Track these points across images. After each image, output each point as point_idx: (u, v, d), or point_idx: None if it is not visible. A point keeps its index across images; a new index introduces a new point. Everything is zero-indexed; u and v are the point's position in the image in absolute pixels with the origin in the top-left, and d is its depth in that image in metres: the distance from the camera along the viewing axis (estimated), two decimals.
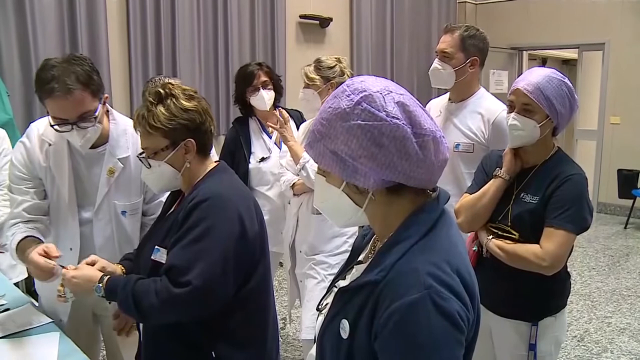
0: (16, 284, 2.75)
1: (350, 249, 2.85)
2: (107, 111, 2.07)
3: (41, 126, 2.03)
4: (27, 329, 1.96)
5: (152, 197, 2.18)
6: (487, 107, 2.56)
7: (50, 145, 2.04)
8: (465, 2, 8.32)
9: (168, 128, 1.63)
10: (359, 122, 1.05)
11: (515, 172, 2.04)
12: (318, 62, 2.81)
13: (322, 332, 1.17)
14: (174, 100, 1.65)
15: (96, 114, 1.92)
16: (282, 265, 3.54)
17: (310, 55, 3.31)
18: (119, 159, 2.06)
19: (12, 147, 3.51)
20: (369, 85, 1.08)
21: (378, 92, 1.07)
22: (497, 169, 2.06)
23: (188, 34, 5.35)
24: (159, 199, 2.15)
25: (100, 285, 1.64)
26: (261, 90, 3.19)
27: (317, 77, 2.77)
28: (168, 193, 1.91)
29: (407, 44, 7.46)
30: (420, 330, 0.98)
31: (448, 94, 2.71)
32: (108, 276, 1.66)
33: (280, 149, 3.23)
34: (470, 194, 2.12)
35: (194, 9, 5.40)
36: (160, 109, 1.63)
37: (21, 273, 3.18)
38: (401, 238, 1.08)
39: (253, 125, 3.30)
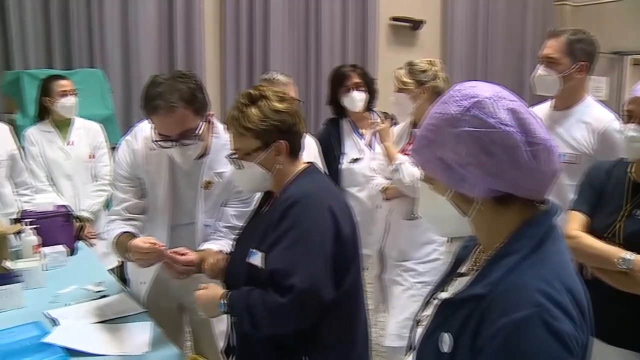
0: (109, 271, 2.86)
1: (440, 257, 2.81)
2: (210, 123, 2.08)
3: (147, 129, 2.08)
4: (122, 317, 2.03)
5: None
6: (595, 116, 2.41)
7: (152, 150, 2.09)
8: (563, 4, 7.95)
9: (260, 129, 1.64)
10: (469, 128, 1.02)
11: None
12: (411, 65, 2.75)
13: (422, 345, 1.14)
14: (266, 101, 1.65)
15: (198, 131, 1.95)
16: (366, 269, 3.51)
17: (401, 59, 3.27)
18: (216, 172, 2.10)
19: (110, 141, 3.71)
20: (479, 91, 1.05)
21: (489, 98, 1.03)
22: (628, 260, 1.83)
23: (279, 37, 5.44)
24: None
25: (223, 302, 1.66)
26: (353, 91, 3.20)
27: (410, 80, 2.71)
28: None
29: (500, 48, 7.23)
30: (529, 349, 0.93)
31: (550, 101, 2.58)
32: (229, 292, 1.68)
33: (372, 150, 3.21)
34: (577, 210, 1.99)
35: (286, 12, 5.49)
36: (253, 110, 1.64)
37: (113, 261, 3.34)
38: (509, 251, 1.03)
39: (345, 126, 3.31)
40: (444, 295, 1.18)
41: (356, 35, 5.96)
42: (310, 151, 2.69)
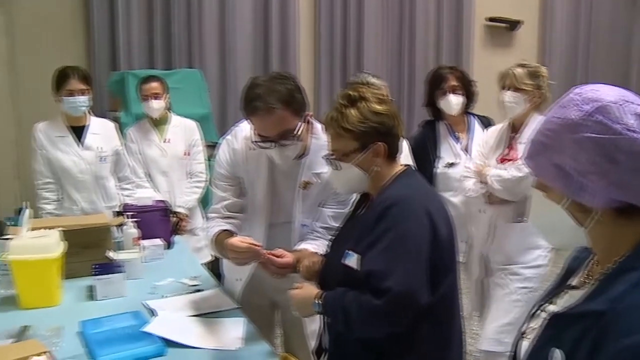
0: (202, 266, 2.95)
1: (546, 264, 2.69)
2: (310, 123, 2.09)
3: (247, 129, 2.11)
4: (216, 311, 2.08)
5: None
6: None
7: (252, 149, 2.12)
8: None
9: (359, 130, 1.63)
10: (591, 134, 0.96)
11: None
12: (529, 67, 2.71)
13: (529, 359, 1.08)
14: (365, 103, 1.64)
15: (296, 132, 1.96)
16: None
17: (496, 61, 3.18)
18: (314, 173, 2.10)
19: (206, 139, 3.82)
20: (603, 95, 0.98)
21: (614, 102, 0.97)
22: None
23: (373, 38, 5.45)
24: None
25: (318, 302, 1.67)
26: (449, 94, 3.13)
27: (531, 82, 2.68)
28: None
29: (603, 50, 6.82)
30: None
31: None
32: (324, 293, 1.68)
33: (468, 155, 3.13)
34: None
35: (380, 13, 5.48)
36: (352, 111, 1.64)
37: (206, 256, 3.44)
38: (632, 266, 0.96)
39: (441, 129, 3.24)
40: (553, 308, 1.12)
41: (450, 36, 5.85)
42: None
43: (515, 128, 2.76)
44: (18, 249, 2.10)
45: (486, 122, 3.22)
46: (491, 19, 6.11)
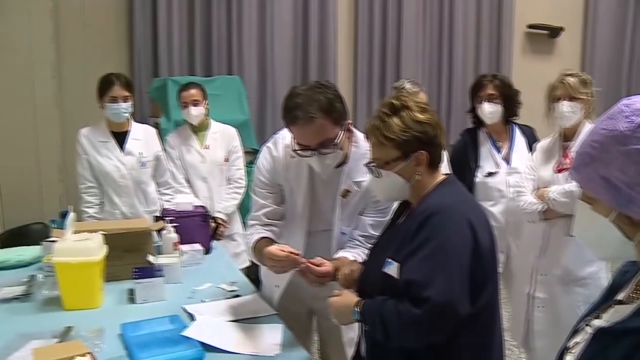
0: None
1: (600, 276, 2.62)
2: (350, 132, 2.09)
3: (287, 137, 2.12)
4: (254, 317, 2.08)
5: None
6: None
7: (292, 158, 2.13)
8: None
9: (401, 139, 1.63)
10: None
11: None
12: (577, 75, 2.67)
13: None
14: (408, 112, 1.64)
15: (336, 141, 1.97)
16: None
17: (536, 68, 3.13)
18: (354, 181, 2.10)
19: (245, 145, 3.84)
20: None
21: None
22: None
23: (412, 45, 5.44)
24: None
25: (357, 310, 1.66)
26: (484, 102, 3.11)
27: (585, 90, 2.64)
28: None
29: None
30: None
31: None
32: (363, 301, 1.68)
33: (508, 165, 3.08)
34: None
35: (420, 20, 5.45)
36: (395, 120, 1.64)
37: (245, 261, 3.46)
38: None
39: (481, 136, 3.21)
40: (598, 323, 1.09)
41: (490, 43, 5.78)
42: None
43: (567, 137, 2.71)
44: (62, 252, 2.15)
45: (528, 132, 3.17)
46: (532, 26, 6.02)
